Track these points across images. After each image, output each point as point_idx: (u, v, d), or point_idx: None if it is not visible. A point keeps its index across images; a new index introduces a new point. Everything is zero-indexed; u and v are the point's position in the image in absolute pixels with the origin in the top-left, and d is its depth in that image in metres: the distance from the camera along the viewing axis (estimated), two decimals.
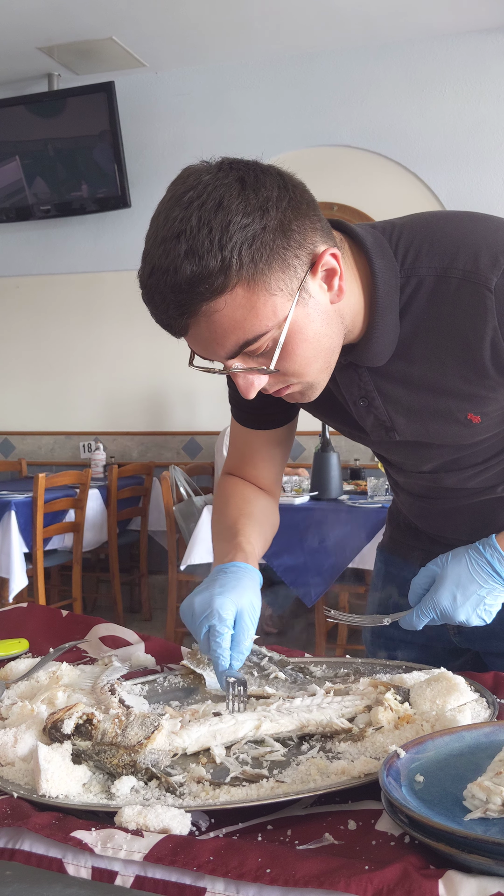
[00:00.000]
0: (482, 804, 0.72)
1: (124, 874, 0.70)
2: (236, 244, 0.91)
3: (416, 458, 1.21)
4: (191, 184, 0.95)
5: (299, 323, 0.98)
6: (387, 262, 1.06)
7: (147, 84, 5.59)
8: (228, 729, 0.94)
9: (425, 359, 1.08)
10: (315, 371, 1.03)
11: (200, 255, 0.90)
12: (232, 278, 0.91)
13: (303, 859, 0.67)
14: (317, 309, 0.99)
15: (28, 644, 1.30)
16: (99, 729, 0.88)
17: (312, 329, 0.99)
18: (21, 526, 4.13)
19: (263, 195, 0.93)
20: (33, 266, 5.93)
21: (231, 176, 0.94)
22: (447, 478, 1.22)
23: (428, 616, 1.12)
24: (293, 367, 1.01)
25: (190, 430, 5.70)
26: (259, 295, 0.93)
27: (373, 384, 1.12)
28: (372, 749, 0.90)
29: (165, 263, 0.92)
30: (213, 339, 0.96)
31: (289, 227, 0.94)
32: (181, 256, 0.91)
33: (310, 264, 0.97)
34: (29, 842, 0.74)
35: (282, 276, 0.95)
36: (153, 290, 0.95)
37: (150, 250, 0.95)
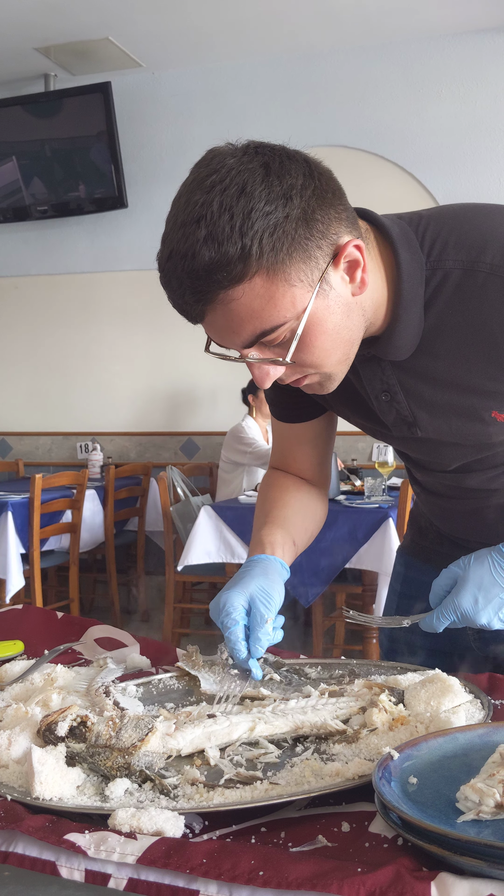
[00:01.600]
0: (475, 806, 0.72)
1: (117, 877, 0.70)
2: (257, 232, 0.88)
3: (439, 457, 1.19)
4: (214, 167, 0.92)
5: (319, 315, 0.95)
6: (412, 253, 1.03)
7: (144, 84, 5.59)
8: (223, 731, 0.94)
9: (449, 354, 1.05)
10: (333, 362, 1.01)
11: (220, 242, 0.88)
12: (251, 267, 0.89)
13: (296, 861, 0.67)
14: (337, 301, 0.97)
15: (23, 646, 1.30)
16: (93, 731, 0.88)
17: (332, 321, 0.97)
18: (18, 527, 4.13)
19: (288, 182, 0.91)
20: (31, 266, 5.93)
21: (256, 161, 0.91)
22: (470, 478, 1.20)
23: (449, 618, 1.09)
24: (310, 358, 0.99)
25: (187, 430, 5.70)
26: (278, 285, 0.91)
27: (395, 378, 1.10)
28: (366, 751, 0.89)
29: (184, 248, 0.90)
30: (230, 327, 0.94)
31: (312, 217, 0.92)
32: (200, 241, 0.89)
33: (332, 255, 0.95)
34: (22, 844, 0.74)
35: (302, 266, 0.92)
36: (170, 274, 0.93)
37: (170, 233, 0.93)
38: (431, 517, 1.34)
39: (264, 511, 1.30)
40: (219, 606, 1.09)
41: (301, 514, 1.30)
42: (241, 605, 1.08)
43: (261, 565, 1.15)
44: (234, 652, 1.07)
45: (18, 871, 0.75)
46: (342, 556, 3.62)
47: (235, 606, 1.08)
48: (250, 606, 1.09)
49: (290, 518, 1.28)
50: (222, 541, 3.87)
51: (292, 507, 1.29)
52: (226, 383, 5.48)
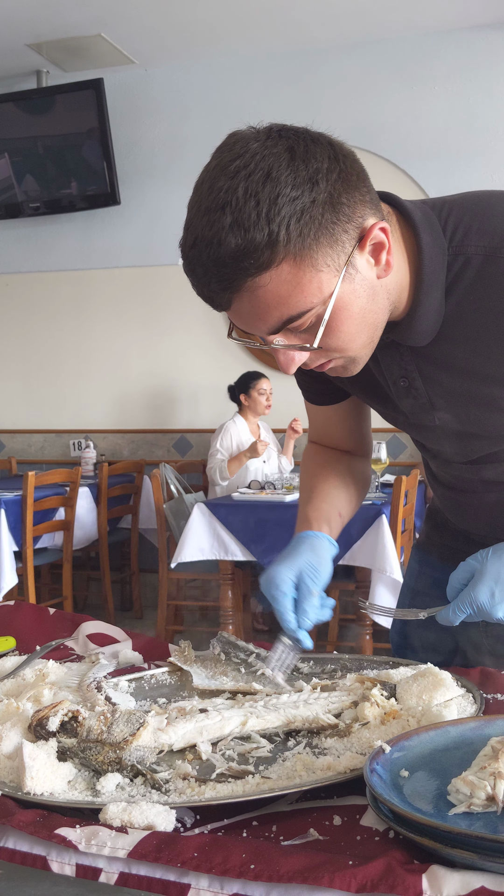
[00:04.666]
0: (466, 799, 0.72)
1: (108, 871, 0.70)
2: (284, 217, 0.87)
3: (455, 446, 1.18)
4: (237, 151, 0.90)
5: (345, 299, 0.94)
6: (435, 238, 1.03)
7: (136, 81, 5.58)
8: (214, 725, 0.94)
9: (469, 341, 1.05)
10: (358, 346, 1.00)
11: (246, 228, 0.87)
12: (279, 253, 0.88)
13: (287, 855, 0.67)
14: (363, 284, 0.96)
15: (15, 642, 1.30)
16: (84, 726, 0.88)
17: (358, 305, 0.96)
18: (11, 524, 4.12)
19: (314, 166, 0.89)
20: (23, 264, 5.91)
21: (280, 145, 0.90)
22: (486, 470, 1.19)
23: (465, 612, 1.06)
24: (336, 342, 0.98)
25: (180, 427, 5.70)
26: (305, 271, 0.90)
27: (414, 364, 1.10)
28: (358, 745, 0.90)
29: (209, 235, 0.88)
30: (256, 314, 0.93)
31: (338, 201, 0.91)
32: (226, 229, 0.87)
33: (358, 238, 0.94)
34: (13, 839, 0.74)
35: (329, 251, 0.91)
36: (195, 262, 0.91)
37: (193, 220, 0.91)
38: (447, 512, 1.33)
39: (308, 486, 1.32)
40: (268, 579, 1.11)
41: (344, 484, 1.32)
42: (290, 579, 1.10)
43: (308, 541, 1.17)
44: (284, 622, 1.08)
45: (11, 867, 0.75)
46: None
47: (284, 580, 1.10)
48: (298, 581, 1.11)
49: (333, 490, 1.29)
50: (215, 538, 3.87)
51: (335, 479, 1.31)
52: (218, 381, 5.48)
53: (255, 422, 4.96)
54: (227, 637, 1.23)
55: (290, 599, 1.09)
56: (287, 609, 1.08)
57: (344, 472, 1.33)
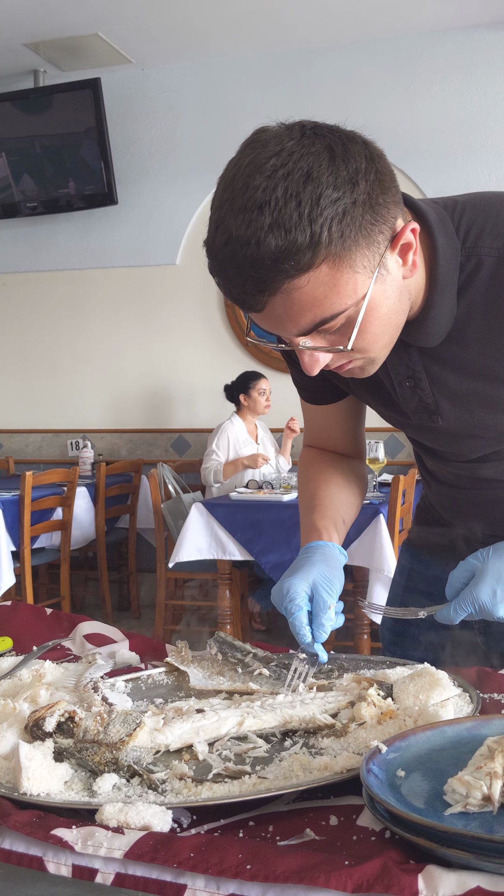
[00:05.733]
0: (462, 799, 0.72)
1: (105, 872, 0.70)
2: (327, 219, 0.85)
3: (456, 447, 1.18)
4: (273, 150, 0.88)
5: (376, 301, 0.94)
6: (448, 239, 1.03)
7: (133, 80, 5.57)
8: (211, 726, 0.93)
9: (479, 343, 1.05)
10: (380, 347, 1.00)
11: (288, 230, 0.85)
12: (319, 255, 0.86)
13: (283, 855, 0.67)
14: (393, 285, 0.96)
15: (12, 642, 1.30)
16: (81, 727, 0.88)
17: (386, 306, 0.96)
18: (8, 524, 4.12)
19: (353, 167, 0.88)
20: (20, 263, 5.91)
21: (318, 144, 0.88)
22: (485, 468, 1.19)
23: (466, 610, 1.06)
24: (362, 344, 0.97)
25: (178, 427, 5.70)
26: (343, 272, 0.89)
27: (421, 365, 1.09)
28: (355, 745, 0.89)
29: (246, 235, 0.86)
30: (288, 316, 0.92)
31: (376, 202, 0.90)
32: (265, 229, 0.85)
33: (390, 239, 0.93)
34: (9, 840, 0.74)
35: (367, 252, 0.90)
36: (227, 263, 0.89)
37: (225, 218, 0.88)
38: (440, 509, 1.33)
39: (309, 493, 1.31)
40: (282, 592, 1.09)
41: (345, 489, 1.31)
42: (304, 592, 1.08)
43: (320, 552, 1.16)
44: (300, 636, 1.07)
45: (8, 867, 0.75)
46: None
47: (299, 592, 1.08)
48: (313, 593, 1.09)
49: (335, 497, 1.29)
50: (213, 538, 3.87)
51: (335, 485, 1.31)
52: (216, 380, 5.47)
53: (253, 422, 4.96)
54: (225, 637, 1.23)
55: (306, 613, 1.07)
56: (303, 623, 1.06)
57: (344, 477, 1.33)
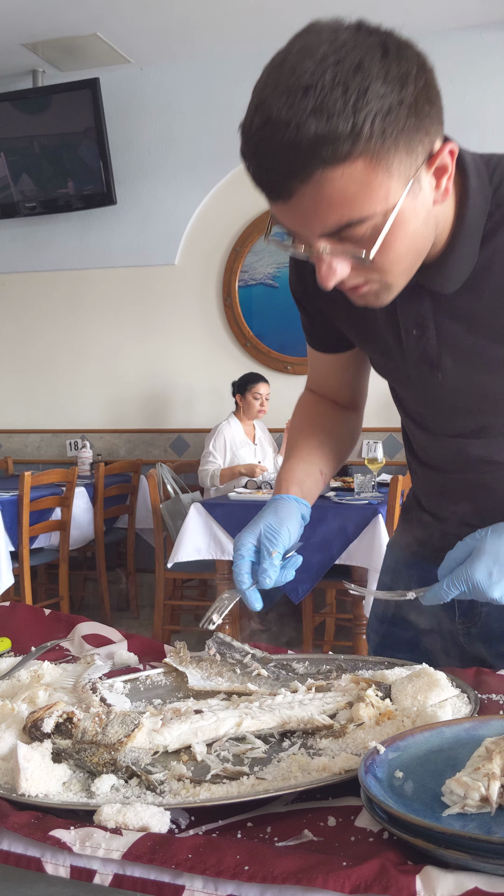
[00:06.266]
0: (460, 800, 0.72)
1: (103, 873, 0.70)
2: (371, 111, 0.83)
3: (449, 413, 1.16)
4: (326, 38, 0.86)
5: (405, 215, 0.91)
6: (481, 184, 1.02)
7: (132, 80, 5.57)
8: (210, 726, 0.94)
9: (494, 296, 1.04)
10: (399, 271, 0.98)
11: (330, 116, 0.82)
12: (358, 147, 0.84)
13: (281, 856, 0.67)
14: (423, 205, 0.93)
15: (10, 643, 1.30)
16: (79, 727, 0.88)
17: (414, 225, 0.93)
18: (7, 524, 4.12)
19: (405, 68, 0.86)
20: (19, 263, 5.91)
21: (373, 39, 0.86)
22: (475, 446, 1.17)
23: (459, 588, 1.02)
24: (384, 261, 0.94)
25: (177, 427, 5.70)
26: (378, 173, 0.87)
27: (431, 314, 1.08)
28: (353, 745, 0.89)
29: (286, 116, 0.83)
30: (315, 211, 0.88)
31: (421, 109, 0.87)
32: (307, 112, 0.82)
33: (427, 156, 0.91)
34: (8, 841, 0.74)
35: (405, 158, 0.88)
36: (262, 144, 0.86)
37: (267, 99, 0.85)
38: (425, 499, 1.31)
39: (290, 445, 1.32)
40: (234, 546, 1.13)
41: (329, 439, 1.32)
42: (251, 543, 1.12)
43: (273, 505, 1.18)
44: (238, 583, 1.10)
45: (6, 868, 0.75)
46: (332, 552, 3.63)
47: (244, 543, 1.11)
48: (259, 543, 1.12)
49: (315, 449, 1.30)
50: (212, 538, 3.87)
51: (319, 435, 1.31)
52: (214, 380, 5.48)
53: (251, 422, 4.97)
54: (223, 638, 1.23)
55: (248, 562, 1.10)
56: (242, 571, 1.10)
57: (331, 427, 1.34)
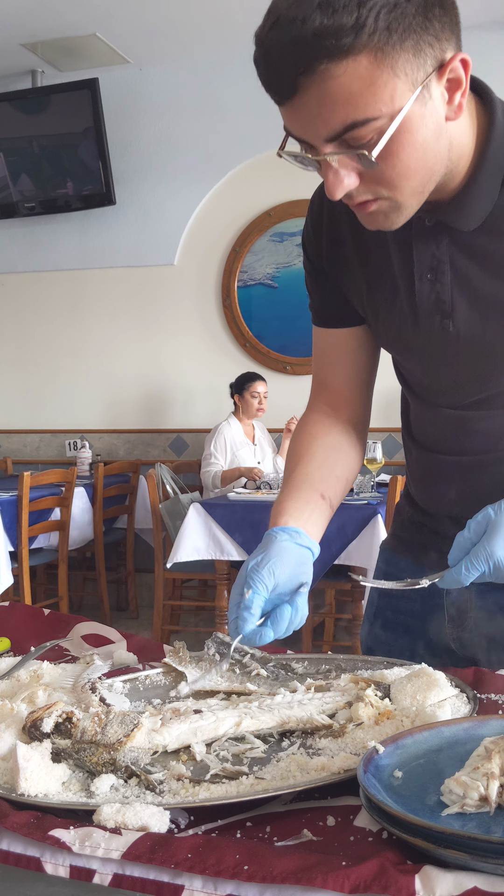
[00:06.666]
0: (459, 799, 0.72)
1: (102, 872, 0.70)
2: (375, 5, 0.85)
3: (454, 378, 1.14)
4: None
5: (413, 122, 0.91)
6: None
7: (131, 80, 5.57)
8: (209, 726, 0.94)
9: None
10: (409, 189, 0.97)
11: (335, 9, 0.85)
12: (362, 40, 0.85)
13: (280, 856, 0.67)
14: (433, 115, 0.93)
15: (9, 643, 1.30)
16: (78, 727, 0.88)
17: (423, 135, 0.93)
18: (6, 525, 4.12)
19: None
20: (18, 263, 5.91)
21: None
22: (477, 419, 1.15)
23: (479, 569, 0.95)
24: (391, 172, 0.94)
25: (176, 427, 5.70)
26: (383, 71, 0.87)
27: (448, 257, 1.07)
28: (352, 745, 0.89)
29: (293, 13, 0.86)
30: (320, 112, 0.89)
31: (432, 11, 0.89)
32: (313, 7, 0.85)
33: (438, 65, 0.91)
34: (7, 840, 0.74)
35: (412, 59, 0.88)
36: (271, 44, 0.89)
37: (279, 5, 0.89)
38: (418, 488, 1.29)
39: (286, 470, 1.25)
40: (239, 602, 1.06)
41: (330, 458, 1.24)
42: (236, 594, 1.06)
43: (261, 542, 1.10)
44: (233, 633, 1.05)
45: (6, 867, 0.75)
46: (331, 552, 3.63)
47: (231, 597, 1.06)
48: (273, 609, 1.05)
49: (315, 469, 1.21)
50: (211, 538, 3.87)
51: (318, 456, 1.23)
52: (213, 380, 5.48)
53: (250, 423, 4.97)
54: (222, 637, 1.23)
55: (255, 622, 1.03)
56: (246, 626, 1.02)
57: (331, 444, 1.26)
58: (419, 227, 1.08)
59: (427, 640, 1.26)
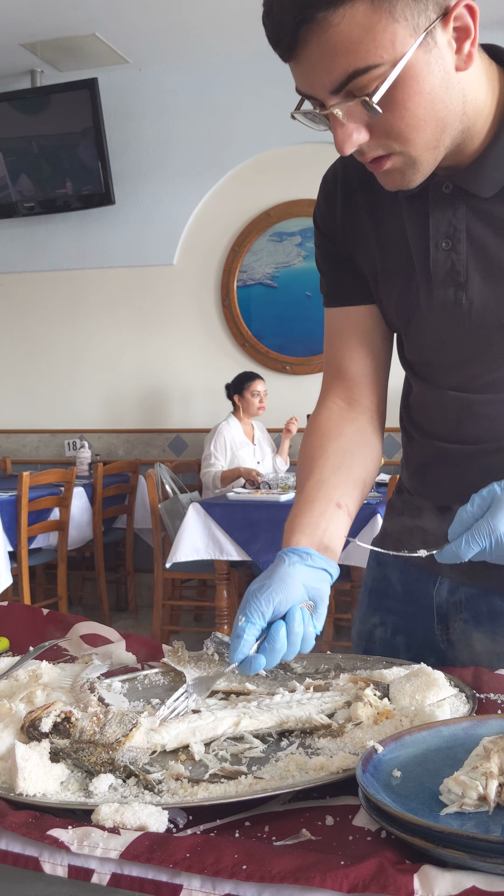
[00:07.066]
0: (458, 799, 0.72)
1: (101, 872, 0.70)
2: None
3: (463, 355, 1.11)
4: None
5: (417, 69, 0.91)
6: None
7: (130, 81, 5.57)
8: (208, 726, 0.93)
9: None
10: (421, 142, 0.96)
11: None
12: None
13: (279, 855, 0.67)
14: (440, 64, 0.92)
15: (8, 642, 1.30)
16: (77, 727, 0.88)
17: (429, 83, 0.92)
18: (5, 524, 4.12)
19: None
20: (17, 263, 5.91)
21: None
22: (483, 403, 1.13)
23: (480, 544, 0.92)
24: (400, 123, 0.93)
25: (175, 427, 5.70)
26: (381, 16, 0.87)
27: (465, 225, 1.06)
28: (351, 745, 0.89)
29: None
30: (322, 61, 0.90)
31: None
32: None
33: (442, 12, 0.91)
34: (5, 840, 0.74)
35: (410, 3, 0.88)
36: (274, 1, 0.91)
37: None
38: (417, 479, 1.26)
39: (298, 479, 1.18)
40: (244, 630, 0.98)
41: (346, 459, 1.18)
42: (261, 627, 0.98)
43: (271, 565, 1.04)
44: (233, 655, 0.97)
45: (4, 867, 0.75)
46: None
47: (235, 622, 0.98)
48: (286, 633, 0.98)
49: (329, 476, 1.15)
50: (211, 538, 3.87)
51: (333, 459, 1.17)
52: (212, 380, 5.48)
53: (250, 422, 4.97)
54: (221, 637, 1.23)
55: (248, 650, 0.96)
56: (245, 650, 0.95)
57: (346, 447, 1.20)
58: (437, 194, 1.07)
59: (416, 642, 1.25)
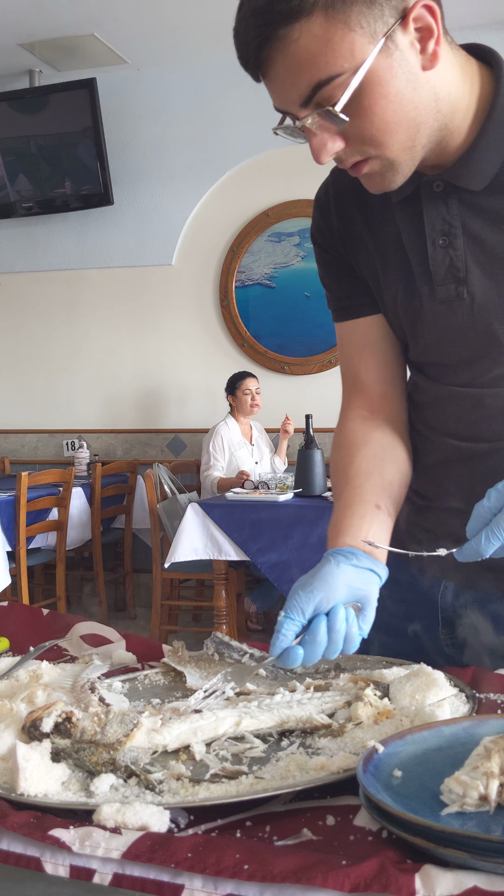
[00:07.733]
0: (459, 798, 0.72)
1: (102, 872, 0.70)
2: None
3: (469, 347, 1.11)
4: None
5: (380, 74, 0.92)
6: None
7: (129, 81, 5.57)
8: (209, 726, 0.94)
9: None
10: (396, 144, 0.97)
11: None
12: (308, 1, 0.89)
13: (280, 855, 0.67)
14: (403, 66, 0.93)
15: (8, 643, 1.30)
16: (78, 727, 0.88)
17: (394, 86, 0.93)
18: (4, 525, 4.12)
19: None
20: (16, 263, 5.91)
21: None
22: (494, 396, 1.12)
23: (501, 538, 0.91)
24: (370, 128, 0.95)
25: (174, 427, 5.70)
26: (337, 27, 0.89)
27: (459, 220, 1.07)
28: (351, 744, 0.90)
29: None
30: (287, 77, 0.93)
31: None
32: None
33: (401, 15, 0.92)
34: (7, 840, 0.74)
35: (365, 10, 0.90)
36: (238, 23, 0.95)
37: None
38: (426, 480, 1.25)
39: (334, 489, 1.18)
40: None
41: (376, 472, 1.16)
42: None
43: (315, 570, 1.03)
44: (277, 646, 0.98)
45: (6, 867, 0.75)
46: None
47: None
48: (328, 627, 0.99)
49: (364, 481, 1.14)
50: (209, 538, 3.87)
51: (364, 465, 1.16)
52: (210, 381, 5.48)
53: (247, 422, 4.97)
54: (221, 637, 1.23)
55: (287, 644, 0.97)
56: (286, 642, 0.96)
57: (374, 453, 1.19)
58: (428, 193, 1.08)
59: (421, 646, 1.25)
